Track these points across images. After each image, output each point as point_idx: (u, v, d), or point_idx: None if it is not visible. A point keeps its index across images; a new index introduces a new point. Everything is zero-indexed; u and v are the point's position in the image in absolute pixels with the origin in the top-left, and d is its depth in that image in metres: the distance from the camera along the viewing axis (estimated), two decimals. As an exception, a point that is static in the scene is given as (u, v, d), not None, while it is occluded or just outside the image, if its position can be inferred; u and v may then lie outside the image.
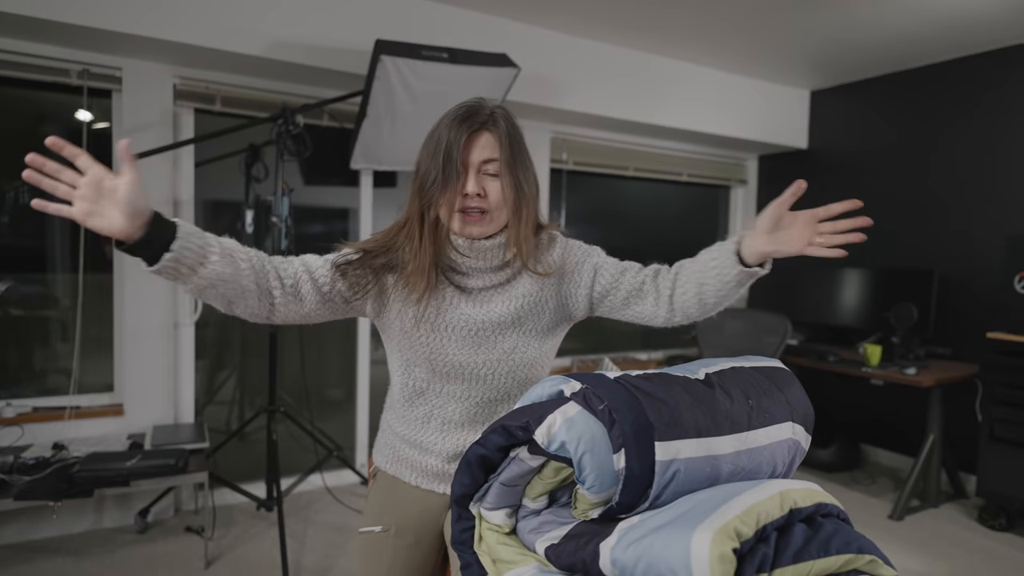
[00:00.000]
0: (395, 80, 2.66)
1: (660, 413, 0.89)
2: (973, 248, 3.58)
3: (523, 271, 1.20)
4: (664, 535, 0.80)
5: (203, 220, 3.15)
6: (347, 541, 2.77)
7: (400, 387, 1.23)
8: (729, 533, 0.78)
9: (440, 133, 1.13)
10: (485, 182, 1.13)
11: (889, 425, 3.98)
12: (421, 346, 1.17)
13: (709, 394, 0.97)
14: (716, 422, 0.93)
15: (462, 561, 1.03)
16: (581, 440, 0.87)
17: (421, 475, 1.24)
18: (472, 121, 1.12)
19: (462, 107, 1.15)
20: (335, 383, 3.58)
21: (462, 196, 1.11)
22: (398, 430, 1.26)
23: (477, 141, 1.12)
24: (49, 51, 2.67)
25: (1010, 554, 2.81)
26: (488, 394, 1.19)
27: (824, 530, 0.86)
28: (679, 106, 3.88)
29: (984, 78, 3.53)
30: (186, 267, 0.99)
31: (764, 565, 0.78)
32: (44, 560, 2.52)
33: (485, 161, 1.12)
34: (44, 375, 2.90)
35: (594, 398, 0.91)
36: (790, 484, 0.92)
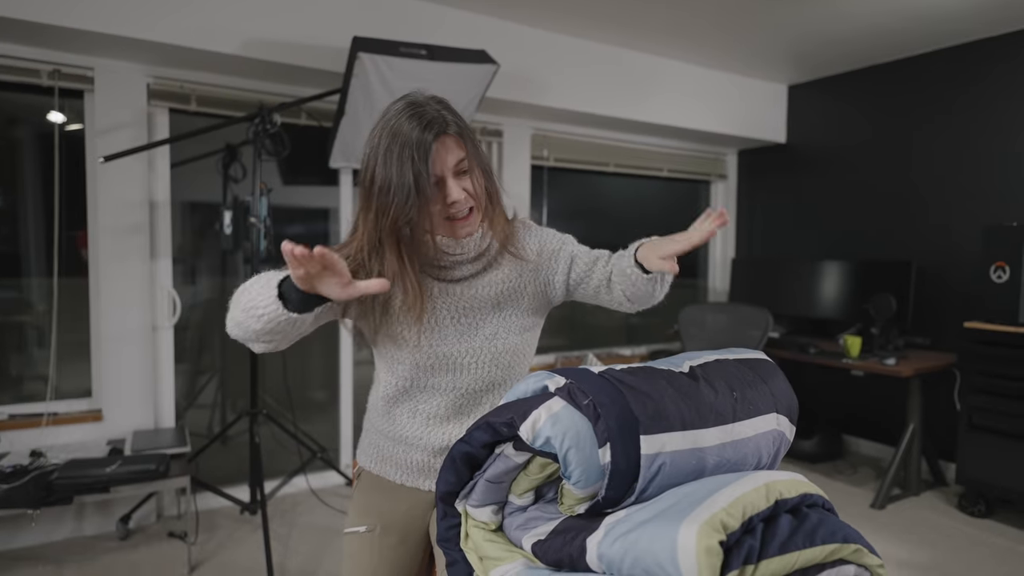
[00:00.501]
0: (373, 77, 2.64)
1: (645, 407, 0.89)
2: (950, 239, 3.63)
3: (499, 258, 1.22)
4: (651, 529, 0.80)
5: (180, 222, 3.11)
6: (333, 543, 2.76)
7: (385, 384, 1.23)
8: (715, 526, 0.78)
9: (398, 147, 1.09)
10: (463, 183, 1.13)
11: (870, 415, 4.03)
12: (404, 341, 1.17)
13: (693, 386, 0.97)
14: (701, 414, 0.93)
15: (448, 559, 1.03)
16: (566, 435, 0.87)
17: (406, 472, 1.24)
18: (430, 130, 1.09)
19: (410, 112, 1.11)
20: (318, 385, 3.56)
21: (447, 205, 1.12)
22: (382, 428, 1.26)
23: (443, 147, 1.10)
24: (18, 51, 2.61)
25: (989, 540, 2.86)
26: (472, 384, 1.20)
27: (810, 520, 0.86)
28: (659, 102, 3.90)
29: (959, 72, 3.58)
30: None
31: (751, 556, 0.78)
32: (24, 569, 2.47)
33: (456, 163, 1.12)
34: (20, 381, 2.85)
35: (579, 393, 0.90)
36: (775, 475, 0.92)
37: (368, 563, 1.22)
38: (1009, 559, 2.68)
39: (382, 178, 1.10)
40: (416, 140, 1.08)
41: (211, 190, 3.15)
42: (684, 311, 3.84)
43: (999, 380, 2.98)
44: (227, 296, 1.14)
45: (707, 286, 4.98)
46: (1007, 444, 2.94)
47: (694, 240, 1.04)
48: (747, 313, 3.60)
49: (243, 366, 2.97)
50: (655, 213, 4.87)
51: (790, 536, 0.82)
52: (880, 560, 0.87)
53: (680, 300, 4.74)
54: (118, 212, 2.82)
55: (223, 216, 2.90)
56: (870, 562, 0.86)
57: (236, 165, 3.10)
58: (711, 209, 1.07)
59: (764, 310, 3.53)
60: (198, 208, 3.21)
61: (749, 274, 4.52)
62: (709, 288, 4.96)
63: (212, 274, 3.27)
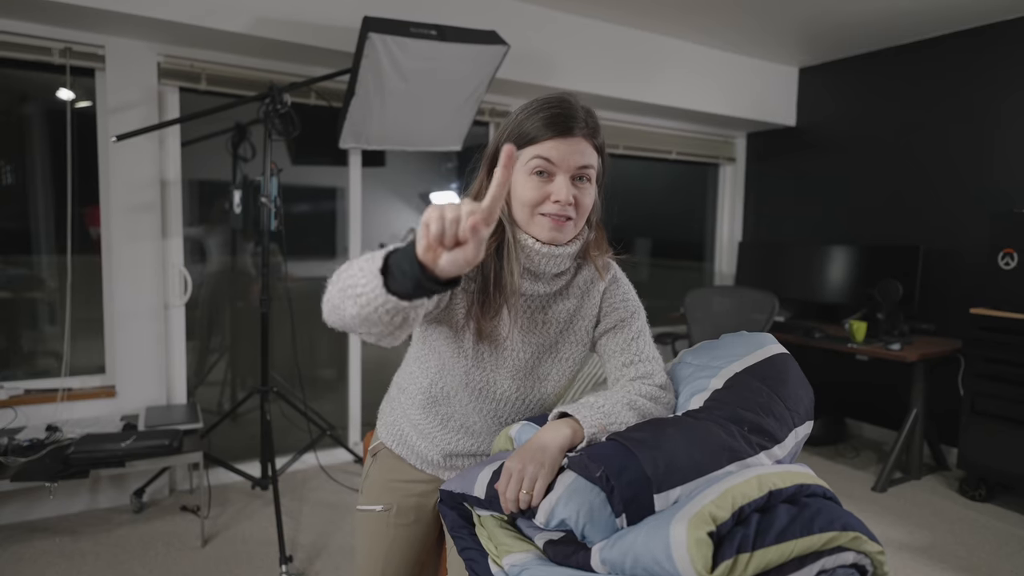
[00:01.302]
0: (383, 58, 2.63)
1: (656, 464, 0.89)
2: (958, 225, 3.62)
3: (570, 287, 1.16)
4: (646, 529, 0.83)
5: (190, 201, 3.13)
6: (342, 518, 2.81)
7: (427, 385, 1.19)
8: (704, 518, 0.80)
9: (527, 127, 1.03)
10: (577, 190, 1.04)
11: (873, 399, 4.05)
12: (462, 359, 1.12)
13: (703, 427, 0.98)
14: (715, 457, 0.93)
15: (460, 545, 1.05)
16: (580, 513, 0.88)
17: (426, 463, 1.25)
18: (568, 122, 1.02)
19: (551, 103, 1.04)
20: (327, 363, 3.60)
21: (551, 202, 1.03)
22: (413, 418, 1.24)
23: (574, 144, 1.03)
24: (29, 29, 2.61)
25: (990, 524, 2.90)
26: (513, 417, 1.19)
27: (809, 509, 0.88)
28: (668, 84, 3.87)
29: (971, 55, 3.54)
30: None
31: (745, 545, 0.80)
32: (41, 540, 2.53)
33: (581, 167, 1.04)
34: (34, 357, 2.90)
35: (590, 464, 0.90)
36: (767, 468, 0.93)
37: (383, 541, 1.25)
38: (1009, 543, 2.71)
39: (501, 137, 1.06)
40: (547, 124, 1.02)
41: (221, 169, 3.16)
42: (690, 294, 3.85)
43: (1004, 366, 3.00)
44: (236, 275, 1.11)
45: (713, 269, 4.98)
46: (1009, 430, 2.96)
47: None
48: (753, 297, 3.61)
49: (253, 344, 3.00)
50: (663, 196, 4.86)
51: (788, 525, 0.83)
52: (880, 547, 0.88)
53: (686, 283, 4.75)
54: (130, 191, 2.84)
55: (232, 195, 2.92)
56: (869, 549, 0.87)
57: (246, 144, 3.11)
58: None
59: (770, 294, 3.54)
60: (208, 187, 3.22)
61: (756, 258, 4.52)
62: (715, 271, 4.97)
63: (222, 253, 3.29)
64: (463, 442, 1.22)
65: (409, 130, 3.13)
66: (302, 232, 3.39)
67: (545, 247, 1.06)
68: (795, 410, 1.08)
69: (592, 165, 1.05)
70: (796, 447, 1.07)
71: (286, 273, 3.24)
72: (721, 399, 1.06)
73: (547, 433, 0.99)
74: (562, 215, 1.03)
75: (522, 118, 1.05)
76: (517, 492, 0.93)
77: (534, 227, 1.06)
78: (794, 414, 1.07)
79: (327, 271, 0.95)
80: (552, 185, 1.03)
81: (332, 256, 3.52)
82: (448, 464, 1.24)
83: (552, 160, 1.02)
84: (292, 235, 3.30)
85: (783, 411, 1.05)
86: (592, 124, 1.06)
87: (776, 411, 1.04)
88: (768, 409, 1.04)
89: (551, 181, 1.03)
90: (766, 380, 1.09)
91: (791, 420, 1.06)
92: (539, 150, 1.02)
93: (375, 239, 3.58)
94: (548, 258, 1.08)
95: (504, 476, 0.96)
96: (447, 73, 2.85)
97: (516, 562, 0.93)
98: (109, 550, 2.47)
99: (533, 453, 0.95)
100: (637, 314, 1.20)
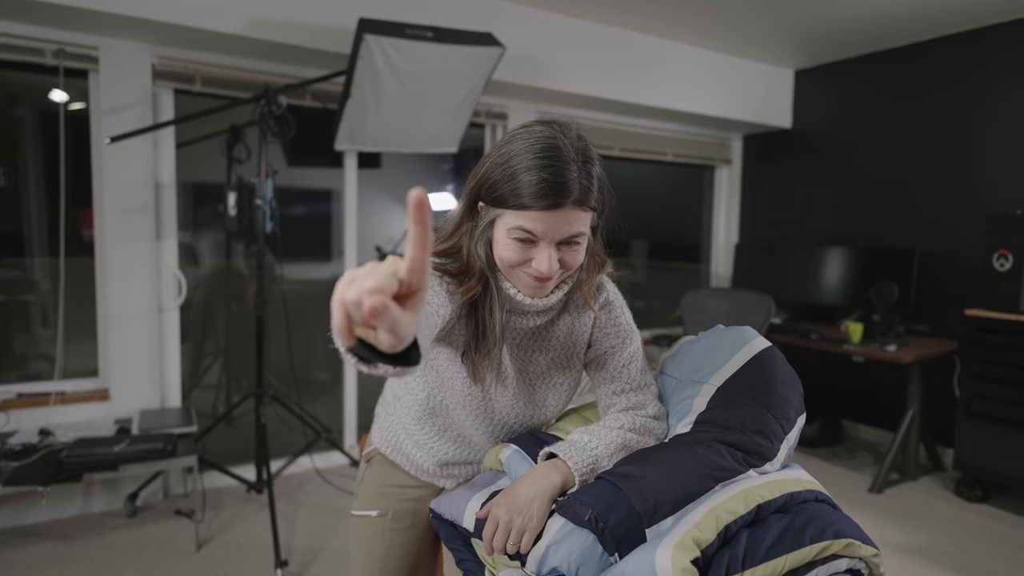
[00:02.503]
0: (379, 60, 2.62)
1: (645, 497, 0.88)
2: (954, 227, 3.63)
3: (561, 316, 1.13)
4: (633, 559, 0.82)
5: (185, 203, 3.11)
6: (338, 522, 2.79)
7: (424, 397, 1.15)
8: (688, 545, 0.79)
9: (512, 189, 0.92)
10: (564, 254, 0.97)
11: (869, 401, 4.06)
12: (460, 382, 1.09)
13: (689, 453, 0.96)
14: (704, 481, 0.92)
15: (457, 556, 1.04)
16: (571, 558, 0.87)
17: (421, 471, 1.25)
18: (557, 196, 0.91)
19: (542, 160, 0.91)
20: (322, 365, 3.58)
21: (530, 266, 0.97)
22: (408, 427, 1.21)
23: (562, 216, 0.92)
24: (22, 30, 2.60)
25: (986, 525, 2.90)
26: (513, 435, 1.19)
27: (799, 519, 0.86)
28: (665, 85, 3.87)
29: (966, 58, 3.55)
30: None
31: (733, 566, 0.79)
32: (34, 544, 2.51)
33: (569, 237, 0.95)
34: (27, 361, 2.87)
35: (579, 506, 0.90)
36: (753, 480, 0.92)
37: (379, 547, 1.24)
38: (1005, 543, 2.72)
39: (485, 184, 0.97)
40: (537, 195, 0.91)
41: (216, 171, 3.15)
42: (686, 296, 3.85)
43: (999, 367, 3.00)
44: (231, 277, 1.09)
45: (710, 271, 4.98)
46: (1005, 431, 2.96)
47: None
48: (749, 299, 3.61)
49: (248, 347, 2.99)
50: (659, 198, 4.86)
51: (778, 539, 0.82)
52: (875, 550, 0.87)
53: (683, 285, 4.75)
54: (124, 193, 2.82)
55: (227, 197, 2.90)
56: (864, 554, 0.86)
57: (241, 146, 3.10)
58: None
59: (766, 296, 3.54)
60: (203, 189, 3.21)
61: (752, 260, 4.52)
62: (712, 273, 4.97)
63: (216, 255, 3.27)
64: (459, 452, 1.21)
65: (405, 132, 3.12)
66: (297, 234, 3.38)
67: (528, 299, 1.03)
68: (784, 416, 1.06)
69: (582, 232, 0.96)
70: (790, 451, 1.06)
71: (281, 275, 3.23)
72: (707, 421, 1.04)
73: (537, 481, 0.97)
74: (544, 278, 0.97)
75: (507, 173, 0.93)
76: (504, 542, 0.93)
77: (515, 280, 1.01)
78: (784, 421, 1.05)
79: (322, 274, 0.93)
80: (535, 250, 0.95)
81: (328, 258, 3.51)
82: (443, 472, 1.23)
83: (536, 233, 0.93)
84: (287, 237, 3.29)
85: (771, 424, 1.03)
86: (585, 183, 0.93)
87: (764, 427, 1.02)
88: (756, 427, 1.01)
89: (534, 246, 0.95)
90: (751, 390, 1.07)
91: (781, 430, 1.04)
92: (522, 221, 0.92)
93: (371, 241, 3.57)
94: (531, 306, 1.05)
95: (491, 523, 0.95)
96: (443, 75, 2.84)
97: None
98: (103, 555, 2.45)
99: (522, 505, 0.94)
100: (629, 339, 1.15)
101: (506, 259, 0.98)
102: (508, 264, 0.98)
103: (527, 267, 0.97)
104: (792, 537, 0.83)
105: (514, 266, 0.98)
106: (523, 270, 0.98)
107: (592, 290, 1.10)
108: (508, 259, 0.97)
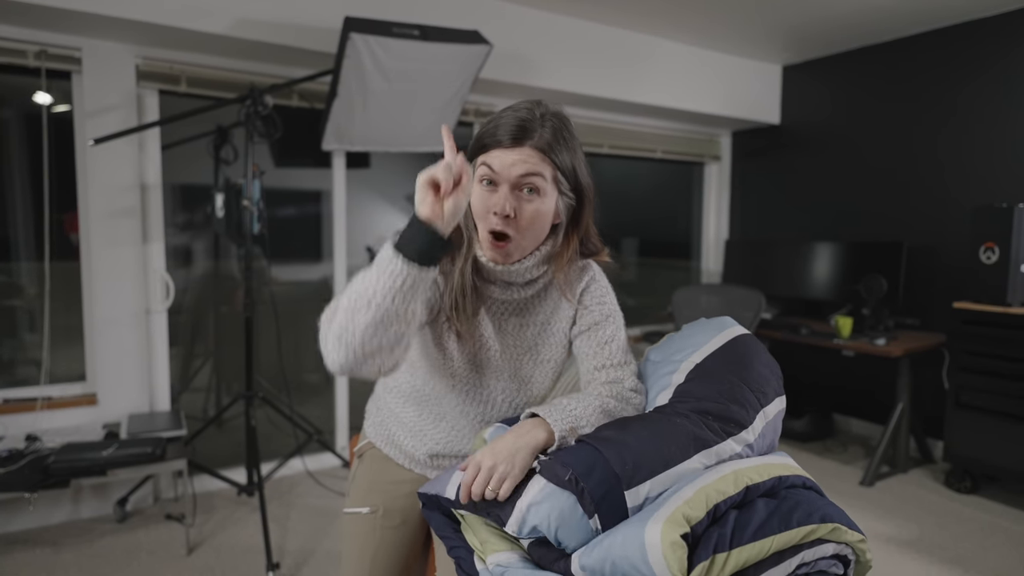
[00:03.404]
0: (366, 58, 2.61)
1: (624, 460, 0.89)
2: (941, 220, 3.65)
3: (548, 293, 1.18)
4: (622, 533, 0.83)
5: (172, 205, 3.09)
6: (330, 524, 2.78)
7: (419, 384, 1.20)
8: (677, 520, 0.80)
9: (484, 132, 1.05)
10: (517, 200, 1.02)
11: (860, 395, 4.08)
12: (449, 362, 1.14)
13: (667, 421, 0.98)
14: (682, 448, 0.93)
15: (448, 544, 1.04)
16: (551, 517, 0.88)
17: (413, 461, 1.25)
18: (518, 132, 1.01)
19: (517, 108, 1.05)
20: (313, 367, 3.56)
21: (491, 213, 1.03)
22: (403, 415, 1.24)
23: (519, 154, 1.01)
24: (3, 31, 2.57)
25: (975, 516, 2.92)
26: (497, 417, 1.20)
27: (787, 503, 0.88)
28: (653, 82, 3.88)
29: (952, 52, 3.58)
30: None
31: (721, 544, 0.80)
32: (22, 551, 2.48)
33: (524, 175, 1.01)
34: (13, 366, 2.84)
35: (559, 467, 0.91)
36: (744, 463, 0.93)
37: (369, 544, 1.23)
38: (994, 533, 2.74)
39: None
40: (497, 132, 1.02)
41: (203, 173, 3.12)
42: (677, 293, 3.86)
43: (987, 359, 3.02)
44: (220, 279, 1.13)
45: (700, 268, 4.99)
46: (993, 422, 2.98)
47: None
48: (740, 294, 3.62)
49: (237, 349, 2.97)
50: (649, 195, 4.86)
51: (765, 521, 0.83)
52: (861, 535, 0.88)
53: (673, 282, 4.76)
54: (109, 195, 2.79)
55: (215, 199, 2.88)
56: (850, 539, 0.87)
57: (228, 147, 3.08)
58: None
59: (757, 291, 3.55)
60: (190, 191, 3.18)
61: (742, 255, 4.53)
62: (702, 269, 4.98)
63: (205, 257, 3.25)
64: (451, 442, 1.21)
65: (393, 131, 3.11)
66: (286, 235, 3.36)
67: (494, 266, 1.08)
68: (761, 391, 1.07)
69: (538, 174, 1.01)
70: (769, 427, 1.06)
71: (270, 277, 3.21)
72: (684, 392, 1.06)
73: (521, 436, 0.98)
74: (498, 231, 1.03)
75: (486, 129, 1.05)
76: (483, 488, 0.94)
77: (482, 245, 1.07)
78: (760, 395, 1.07)
79: (312, 275, 0.98)
80: (495, 196, 1.03)
81: (317, 259, 3.49)
82: (433, 464, 1.24)
83: (494, 169, 1.02)
84: (276, 238, 3.27)
85: (747, 395, 1.05)
86: (548, 136, 1.02)
87: (740, 396, 1.04)
88: (731, 396, 1.04)
89: (496, 191, 1.03)
90: (728, 366, 1.10)
91: (758, 402, 1.05)
92: (487, 157, 1.03)
93: (360, 242, 3.55)
94: (503, 273, 1.09)
95: (472, 468, 0.96)
96: (430, 73, 2.83)
97: (500, 561, 0.92)
98: (92, 561, 2.43)
99: (506, 454, 0.95)
100: (612, 318, 1.19)
101: (475, 208, 1.06)
102: (477, 214, 1.06)
103: (489, 217, 1.03)
104: (779, 520, 0.84)
105: (480, 217, 1.05)
106: (486, 224, 1.04)
107: (564, 264, 1.13)
108: (476, 208, 1.05)
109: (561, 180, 1.06)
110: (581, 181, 1.08)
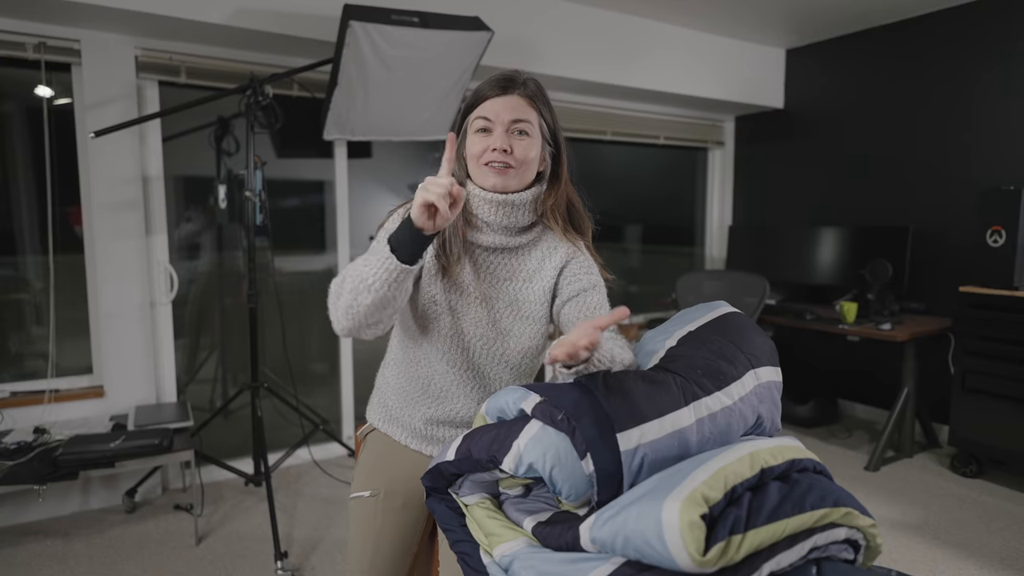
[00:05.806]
0: (365, 46, 2.59)
1: (617, 405, 0.91)
2: (947, 204, 3.63)
3: (533, 250, 1.24)
4: (636, 509, 0.82)
5: (174, 196, 3.08)
6: (337, 512, 2.80)
7: (409, 344, 1.26)
8: (696, 500, 0.79)
9: (475, 92, 1.19)
10: (514, 141, 1.16)
11: (865, 380, 4.07)
12: (433, 306, 1.20)
13: (659, 375, 1.00)
14: (673, 398, 0.95)
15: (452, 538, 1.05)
16: (546, 455, 0.89)
17: (411, 435, 1.28)
18: (504, 83, 1.17)
19: (502, 71, 1.21)
20: (318, 357, 3.57)
21: (489, 151, 1.15)
22: (395, 383, 1.29)
23: (509, 102, 1.16)
24: (2, 24, 2.56)
25: (980, 499, 2.92)
26: (483, 371, 1.25)
27: (800, 486, 0.87)
28: (655, 68, 3.85)
29: (957, 34, 3.53)
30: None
31: (737, 527, 0.79)
32: (34, 542, 2.51)
33: (515, 120, 1.16)
34: (20, 359, 2.86)
35: (552, 409, 0.92)
36: (759, 444, 0.93)
37: (373, 527, 1.25)
38: (999, 517, 2.74)
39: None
40: (486, 87, 1.17)
41: (204, 164, 3.12)
42: (681, 279, 3.84)
43: (993, 343, 3.01)
44: (224, 271, 1.16)
45: (704, 254, 4.98)
46: (999, 406, 2.98)
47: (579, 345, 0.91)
48: (744, 280, 3.61)
49: (243, 340, 2.97)
50: (652, 181, 4.84)
51: (779, 504, 0.83)
52: (872, 520, 0.88)
53: (677, 268, 4.75)
54: (111, 188, 2.79)
55: (217, 190, 2.88)
56: (861, 523, 0.87)
57: (229, 138, 3.07)
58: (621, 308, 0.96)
59: (761, 277, 3.54)
60: (192, 182, 3.18)
61: (746, 241, 4.51)
62: (706, 256, 4.96)
63: (209, 249, 3.25)
64: (443, 402, 1.24)
65: (394, 120, 3.09)
66: (289, 226, 3.36)
67: (492, 194, 1.18)
68: (752, 354, 1.09)
69: (527, 119, 1.16)
70: (764, 390, 1.06)
71: (273, 267, 3.21)
72: (675, 353, 1.08)
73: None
74: (501, 162, 1.15)
75: (476, 90, 1.20)
76: (566, 349, 0.90)
77: (481, 177, 1.18)
78: (751, 357, 1.08)
79: (316, 265, 1.02)
80: (492, 137, 1.16)
81: (321, 250, 3.49)
82: (429, 434, 1.26)
83: (489, 117, 1.16)
84: (279, 229, 3.27)
85: (737, 354, 1.07)
86: (532, 88, 1.19)
87: (729, 354, 1.06)
88: (720, 354, 1.06)
89: (491, 134, 1.16)
90: (719, 332, 1.12)
91: (748, 361, 1.07)
92: (481, 110, 1.17)
93: (363, 231, 3.54)
94: (498, 206, 1.18)
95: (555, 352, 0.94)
96: (431, 61, 2.81)
97: (507, 552, 0.93)
98: (102, 551, 2.46)
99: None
100: (599, 287, 1.26)
101: (473, 153, 1.18)
102: (475, 157, 1.18)
103: (487, 155, 1.16)
104: (793, 503, 0.84)
105: (479, 158, 1.17)
106: (484, 160, 1.17)
107: (551, 204, 1.23)
108: (474, 152, 1.17)
109: (544, 129, 1.20)
110: (559, 137, 1.23)
